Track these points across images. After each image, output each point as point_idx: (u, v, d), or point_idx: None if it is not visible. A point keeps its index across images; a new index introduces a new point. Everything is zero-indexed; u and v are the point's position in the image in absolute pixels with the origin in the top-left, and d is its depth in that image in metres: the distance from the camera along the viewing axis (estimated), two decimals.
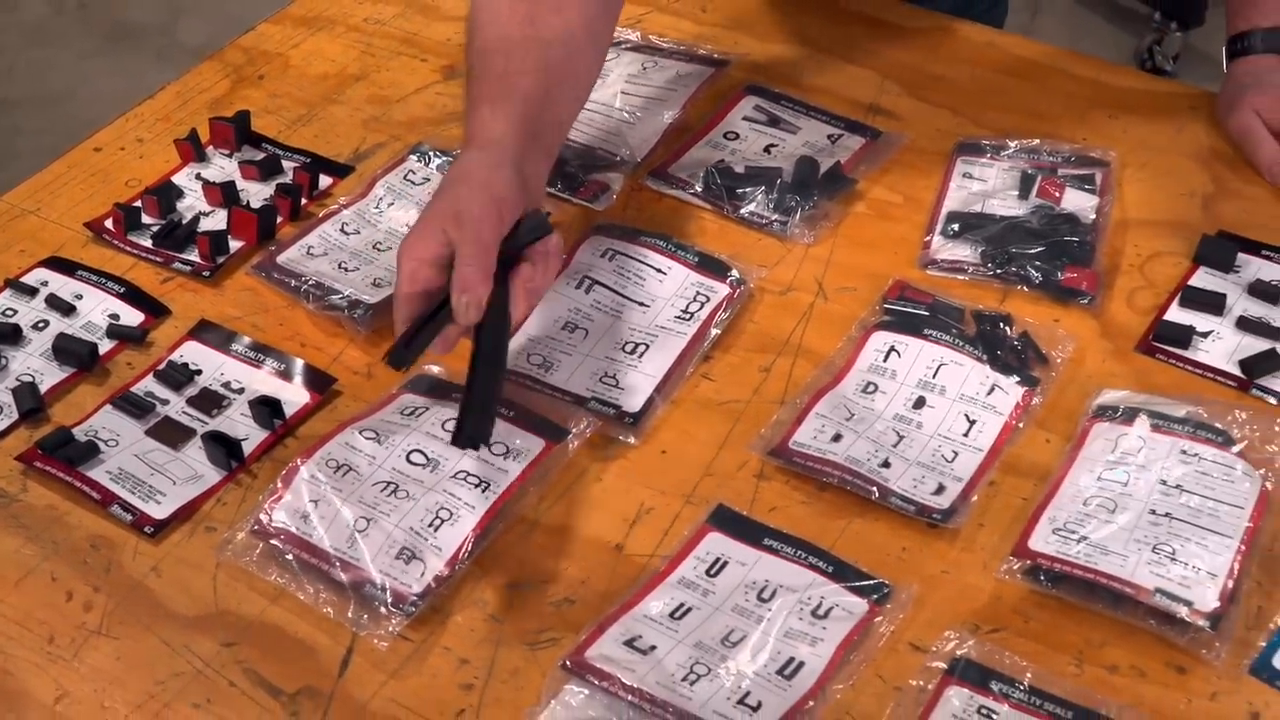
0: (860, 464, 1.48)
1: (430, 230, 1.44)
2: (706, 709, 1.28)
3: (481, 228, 1.43)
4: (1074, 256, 1.70)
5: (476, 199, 1.44)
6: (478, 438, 1.42)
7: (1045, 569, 1.38)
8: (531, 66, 1.55)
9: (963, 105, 1.95)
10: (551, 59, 1.57)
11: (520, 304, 1.45)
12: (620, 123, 1.85)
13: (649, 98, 1.90)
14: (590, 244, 1.70)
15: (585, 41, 1.62)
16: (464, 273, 1.41)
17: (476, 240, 1.42)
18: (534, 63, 1.56)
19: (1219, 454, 1.46)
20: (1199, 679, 1.35)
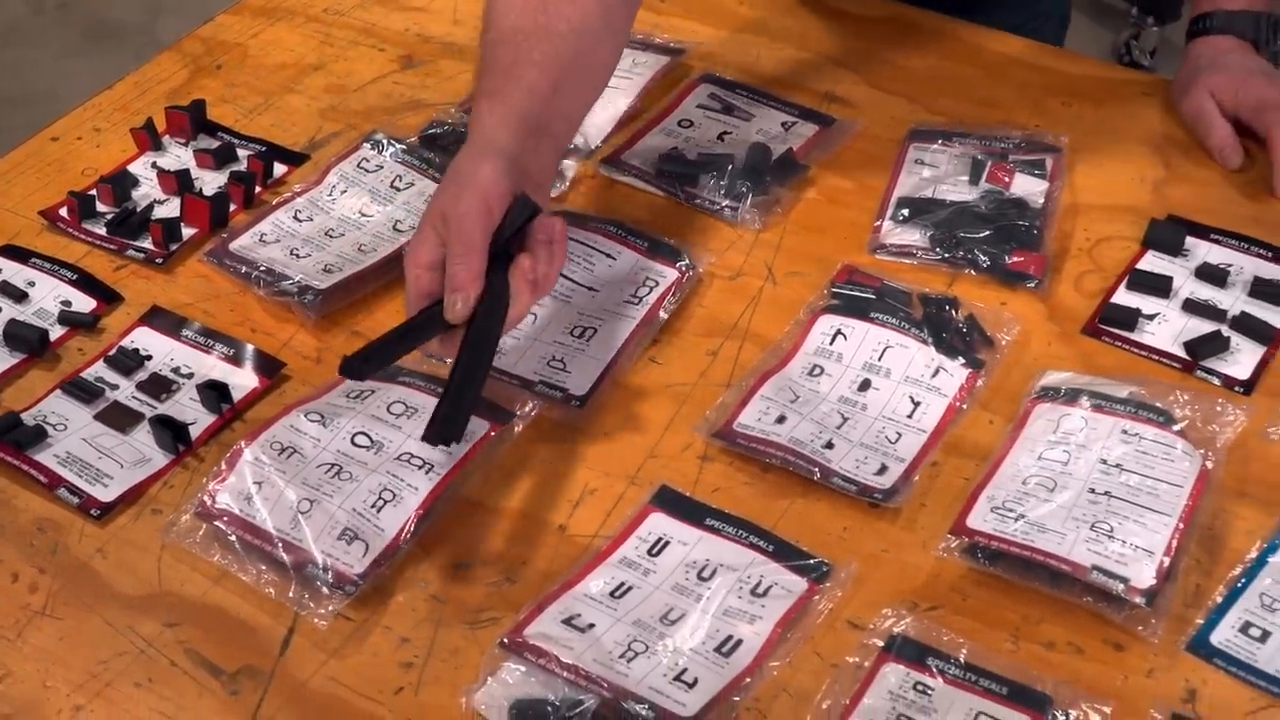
0: (803, 445, 1.49)
1: (425, 235, 1.44)
2: (642, 685, 1.29)
3: (466, 225, 1.43)
4: (1022, 241, 1.70)
5: (462, 197, 1.44)
6: (449, 437, 1.43)
7: (983, 547, 1.39)
8: (539, 59, 1.54)
9: (917, 93, 1.96)
10: (562, 50, 1.55)
11: (523, 296, 1.44)
12: None
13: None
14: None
15: (601, 31, 1.60)
16: (452, 270, 1.41)
17: (462, 239, 1.42)
18: (542, 55, 1.54)
19: (1160, 434, 1.47)
20: (1136, 656, 1.35)
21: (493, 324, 1.46)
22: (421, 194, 1.75)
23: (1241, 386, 1.58)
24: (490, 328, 1.46)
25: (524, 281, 1.44)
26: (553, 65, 1.57)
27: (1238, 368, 1.60)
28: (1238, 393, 1.58)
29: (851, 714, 1.29)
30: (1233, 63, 1.85)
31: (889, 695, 1.30)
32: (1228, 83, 1.84)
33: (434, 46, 2.04)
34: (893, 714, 1.29)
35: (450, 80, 1.97)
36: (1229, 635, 1.36)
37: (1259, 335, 1.63)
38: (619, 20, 1.65)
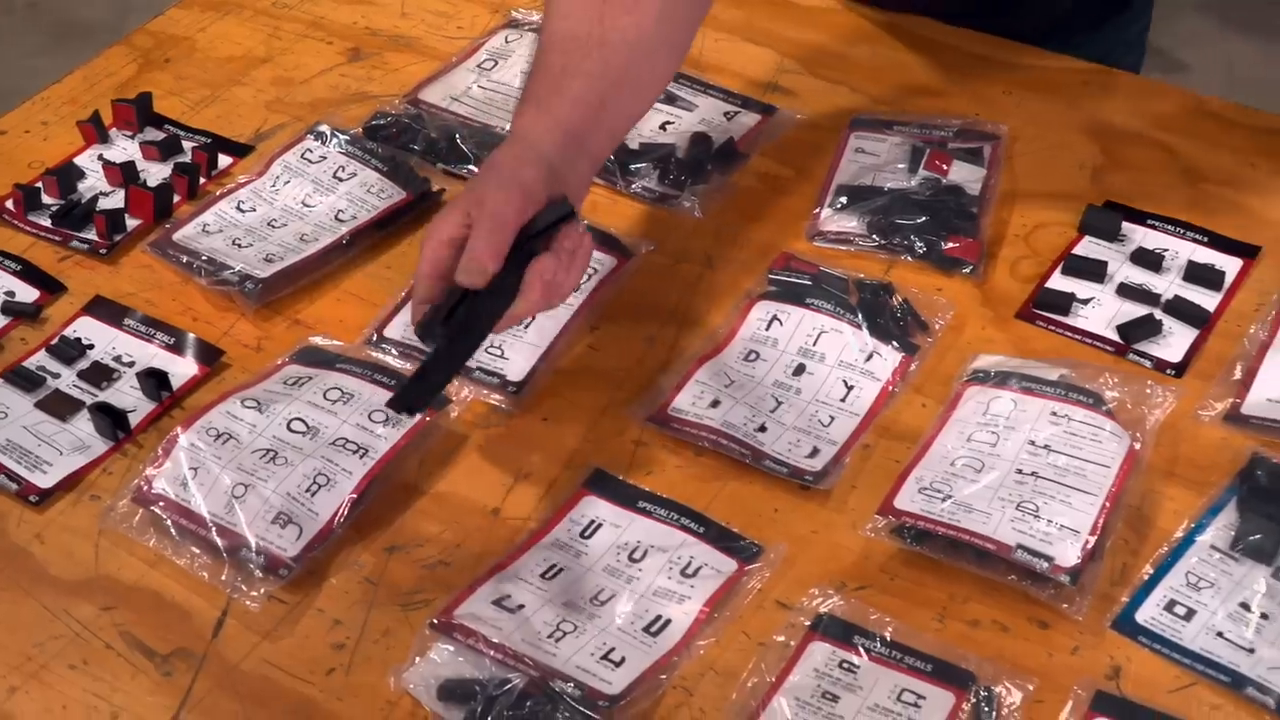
0: (736, 428, 1.50)
1: (453, 213, 1.42)
2: (570, 664, 1.30)
3: (500, 208, 1.41)
4: (958, 227, 1.72)
5: (501, 184, 1.43)
6: (412, 405, 1.44)
7: (910, 527, 1.40)
8: (589, 69, 1.52)
9: (860, 83, 1.98)
10: (613, 63, 1.53)
11: (534, 293, 1.41)
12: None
13: None
14: None
15: (656, 43, 1.57)
16: (474, 245, 1.39)
17: (493, 217, 1.40)
18: (592, 65, 1.52)
19: (1089, 415, 1.48)
20: (1061, 633, 1.36)
21: (492, 309, 1.44)
22: (364, 184, 1.76)
23: (1173, 369, 1.59)
24: (489, 312, 1.44)
25: (538, 279, 1.40)
26: (601, 78, 1.52)
27: (1170, 350, 1.62)
28: (1169, 375, 1.59)
29: (777, 691, 1.30)
30: None
31: (815, 673, 1.32)
32: None
33: (381, 39, 2.05)
34: (818, 691, 1.30)
35: (397, 73, 1.99)
36: (1154, 613, 1.37)
37: (1192, 319, 1.64)
38: (679, 35, 1.63)
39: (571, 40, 1.54)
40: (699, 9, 1.69)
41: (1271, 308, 1.65)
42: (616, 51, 1.57)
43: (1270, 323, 1.63)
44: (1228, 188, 1.82)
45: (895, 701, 1.30)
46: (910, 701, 1.30)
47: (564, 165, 1.51)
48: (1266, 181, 1.83)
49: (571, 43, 1.53)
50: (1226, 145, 1.89)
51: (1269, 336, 1.62)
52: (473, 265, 1.42)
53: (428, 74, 1.97)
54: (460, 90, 1.93)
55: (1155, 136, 1.91)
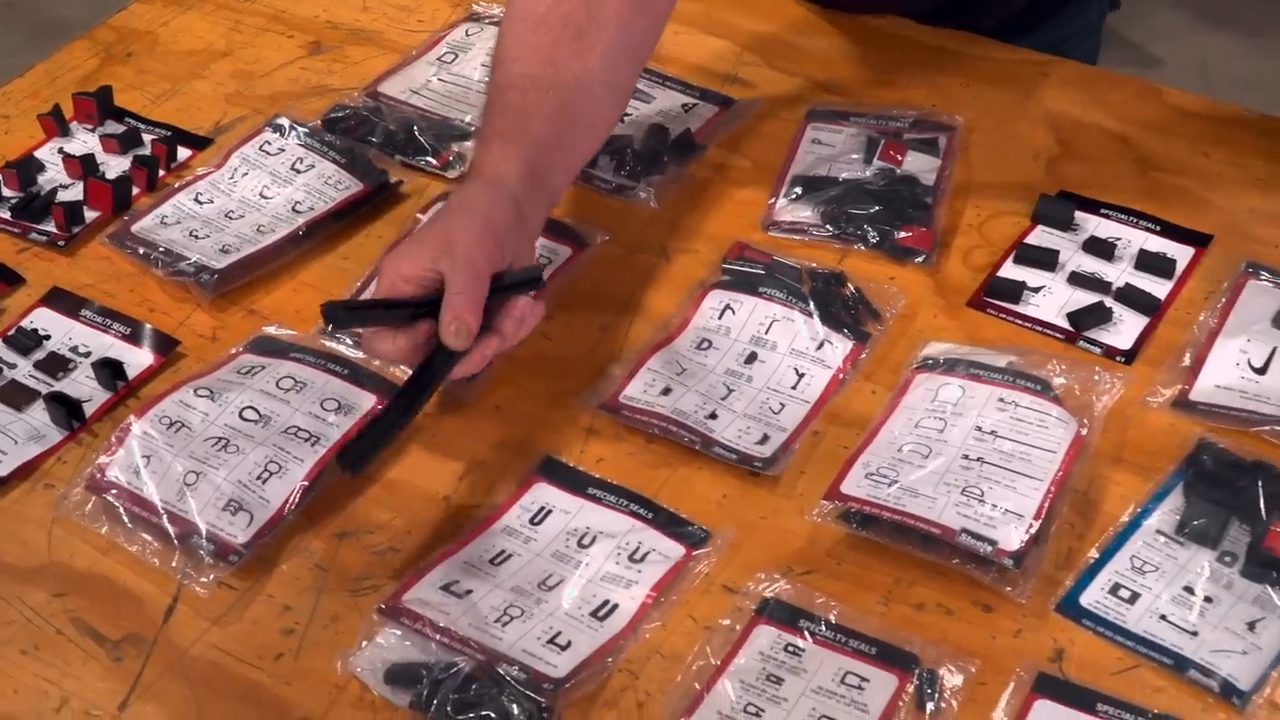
0: (686, 416, 1.52)
1: (419, 250, 1.44)
2: (515, 648, 1.32)
3: (476, 258, 1.42)
4: (912, 217, 1.74)
5: (474, 228, 1.44)
6: (355, 465, 1.42)
7: (856, 512, 1.41)
8: (546, 110, 1.55)
9: (818, 75, 1.99)
10: (567, 103, 1.56)
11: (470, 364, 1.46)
12: (480, 95, 1.88)
13: None
14: (436, 210, 1.73)
15: (602, 90, 1.61)
16: (455, 300, 1.40)
17: (470, 269, 1.42)
18: (548, 106, 1.55)
19: (1036, 401, 1.50)
20: (1005, 616, 1.38)
21: (442, 366, 1.47)
22: (321, 176, 1.77)
23: (1123, 356, 1.61)
24: (439, 369, 1.47)
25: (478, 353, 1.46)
26: (558, 118, 1.55)
27: (1120, 338, 1.63)
28: (1119, 362, 1.59)
29: (722, 674, 1.32)
30: None
31: (760, 656, 1.33)
32: None
33: (342, 33, 2.07)
34: (763, 674, 1.31)
35: (356, 66, 2.00)
36: (1098, 596, 1.39)
37: (1142, 306, 1.66)
38: (622, 78, 1.66)
39: (528, 79, 1.57)
40: (641, 56, 1.73)
41: (1222, 295, 1.66)
42: (570, 92, 1.60)
43: (1220, 310, 1.64)
44: (1181, 177, 1.84)
45: (839, 684, 1.31)
46: (854, 684, 1.31)
47: (528, 204, 1.54)
48: (1220, 170, 1.84)
49: (529, 81, 1.56)
50: (1181, 134, 1.90)
51: (1218, 324, 1.63)
52: (460, 326, 1.43)
53: (388, 67, 1.97)
54: (420, 83, 1.94)
55: (1110, 126, 1.92)
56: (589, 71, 1.57)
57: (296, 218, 1.73)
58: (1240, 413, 1.53)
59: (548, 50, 1.56)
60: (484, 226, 1.46)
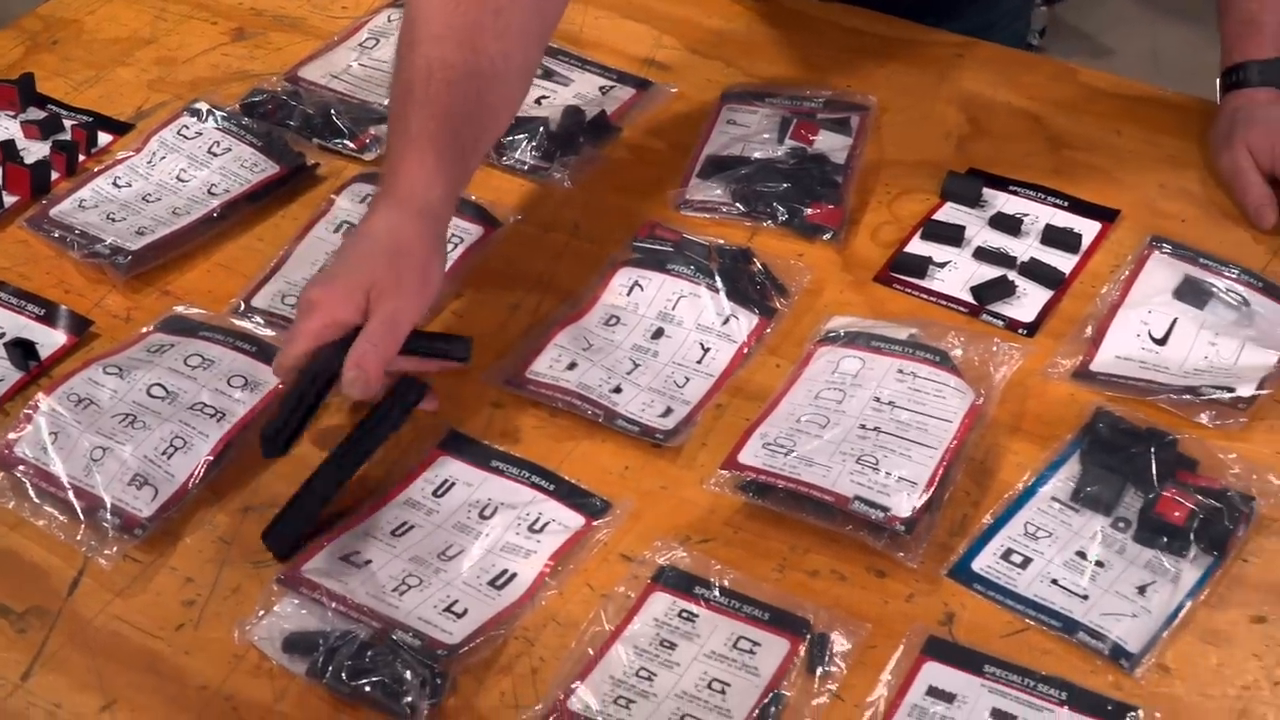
0: (591, 390, 1.54)
1: (352, 293, 1.44)
2: (411, 616, 1.34)
3: (401, 313, 1.43)
4: (821, 195, 1.76)
5: (411, 281, 1.45)
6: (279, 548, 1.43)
7: (752, 481, 1.43)
8: (470, 106, 1.51)
9: (736, 57, 2.01)
10: (486, 93, 1.54)
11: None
12: None
13: None
14: (350, 190, 1.76)
15: (517, 74, 1.60)
16: (363, 350, 1.41)
17: (391, 323, 1.43)
18: (473, 101, 1.52)
19: (934, 372, 1.52)
20: (897, 581, 1.40)
21: (371, 441, 1.47)
22: (237, 159, 1.80)
23: (1025, 329, 1.63)
24: (368, 444, 1.47)
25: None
26: (480, 113, 1.55)
27: (1023, 311, 1.66)
28: (1021, 334, 1.62)
29: (617, 639, 1.34)
30: (1271, 116, 1.78)
31: (654, 622, 1.35)
32: (1265, 139, 1.76)
33: (266, 19, 2.09)
34: (656, 639, 1.34)
35: (279, 51, 2.02)
36: (990, 562, 1.41)
37: (1046, 280, 1.68)
38: (534, 56, 1.66)
39: (449, 68, 1.52)
40: (548, 35, 1.70)
41: (1125, 268, 1.67)
42: (489, 80, 1.58)
43: (1123, 283, 1.67)
44: (1092, 154, 1.86)
45: (731, 649, 1.33)
46: (746, 648, 1.33)
47: (445, 216, 1.55)
48: (1131, 147, 1.87)
49: (450, 72, 1.52)
50: (1093, 113, 1.92)
51: (1120, 296, 1.65)
52: (359, 376, 1.43)
53: (310, 53, 1.99)
54: (340, 68, 1.96)
55: (1023, 106, 1.94)
56: (507, 55, 1.54)
57: (212, 200, 1.75)
58: (1139, 382, 1.56)
59: (467, 32, 1.52)
60: (419, 278, 1.47)
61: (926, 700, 1.30)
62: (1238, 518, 1.42)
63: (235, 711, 1.31)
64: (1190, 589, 1.40)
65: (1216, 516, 1.42)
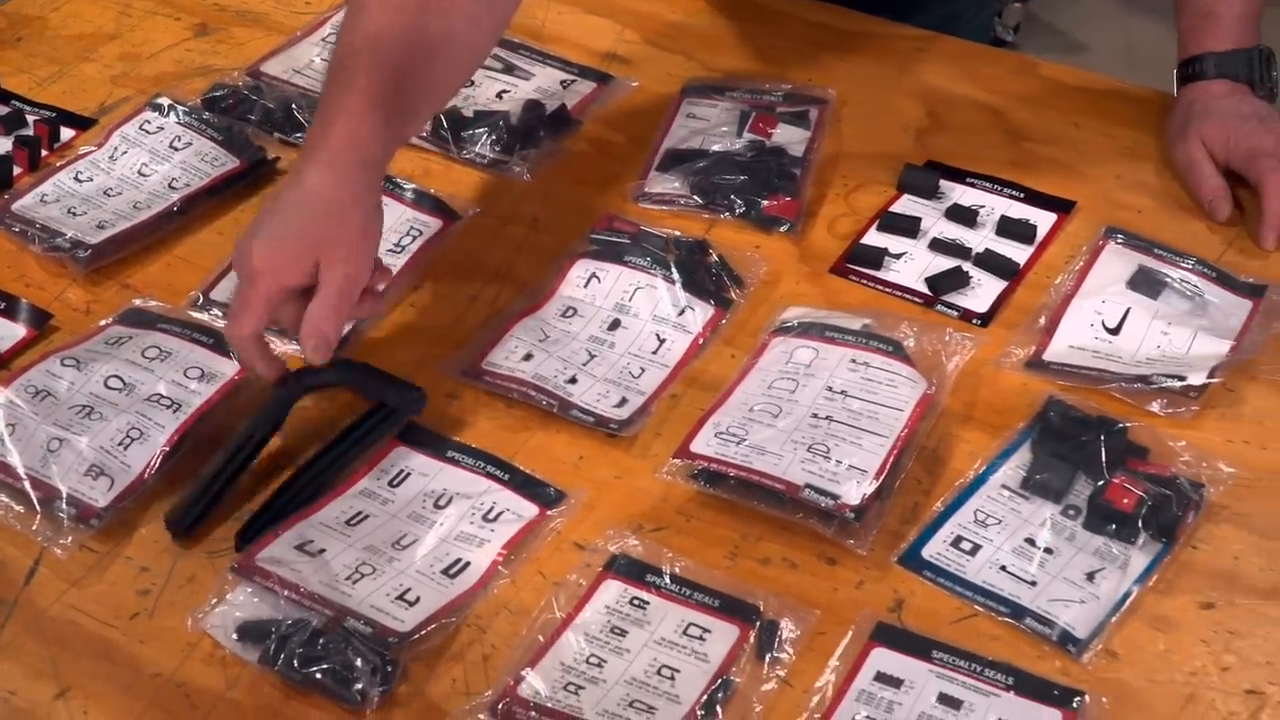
0: (546, 380, 1.55)
1: (300, 258, 1.43)
2: (364, 604, 1.35)
3: (354, 277, 1.44)
4: (778, 187, 1.77)
5: (358, 240, 1.46)
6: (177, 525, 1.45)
7: (704, 469, 1.44)
8: (416, 76, 1.51)
9: (697, 51, 2.02)
10: (430, 68, 1.53)
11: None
12: None
13: None
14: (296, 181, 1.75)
15: (460, 56, 1.59)
16: (319, 313, 1.42)
17: (346, 288, 1.44)
18: (419, 72, 1.51)
19: (887, 362, 1.53)
20: (848, 569, 1.42)
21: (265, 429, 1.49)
22: (199, 153, 1.81)
23: (979, 319, 1.64)
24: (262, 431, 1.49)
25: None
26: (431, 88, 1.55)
27: (977, 301, 1.67)
28: (975, 324, 1.63)
29: (568, 626, 1.35)
30: (1225, 109, 1.79)
31: (605, 609, 1.36)
32: (1219, 131, 1.78)
33: (229, 15, 2.10)
34: (607, 626, 1.35)
35: (241, 46, 2.03)
36: (940, 549, 1.42)
37: (1001, 270, 1.69)
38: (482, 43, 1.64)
39: (396, 38, 1.51)
40: (498, 25, 1.69)
41: (1080, 259, 1.68)
42: (432, 56, 1.57)
43: (1077, 273, 1.68)
44: (1050, 146, 1.88)
45: (681, 635, 1.34)
46: (696, 635, 1.34)
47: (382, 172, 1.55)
48: (1089, 140, 1.88)
49: (396, 40, 1.50)
50: (1052, 106, 1.94)
51: (1074, 286, 1.66)
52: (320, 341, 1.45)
53: (272, 48, 1.99)
54: (303, 63, 1.97)
55: (982, 99, 1.96)
56: (451, 35, 1.52)
57: (173, 194, 1.77)
58: (1091, 371, 1.57)
59: (414, 6, 1.51)
60: (364, 235, 1.46)
61: (874, 685, 1.31)
62: (1187, 505, 1.42)
63: (188, 699, 1.31)
64: (1139, 575, 1.40)
65: (1165, 504, 1.42)
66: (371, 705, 1.29)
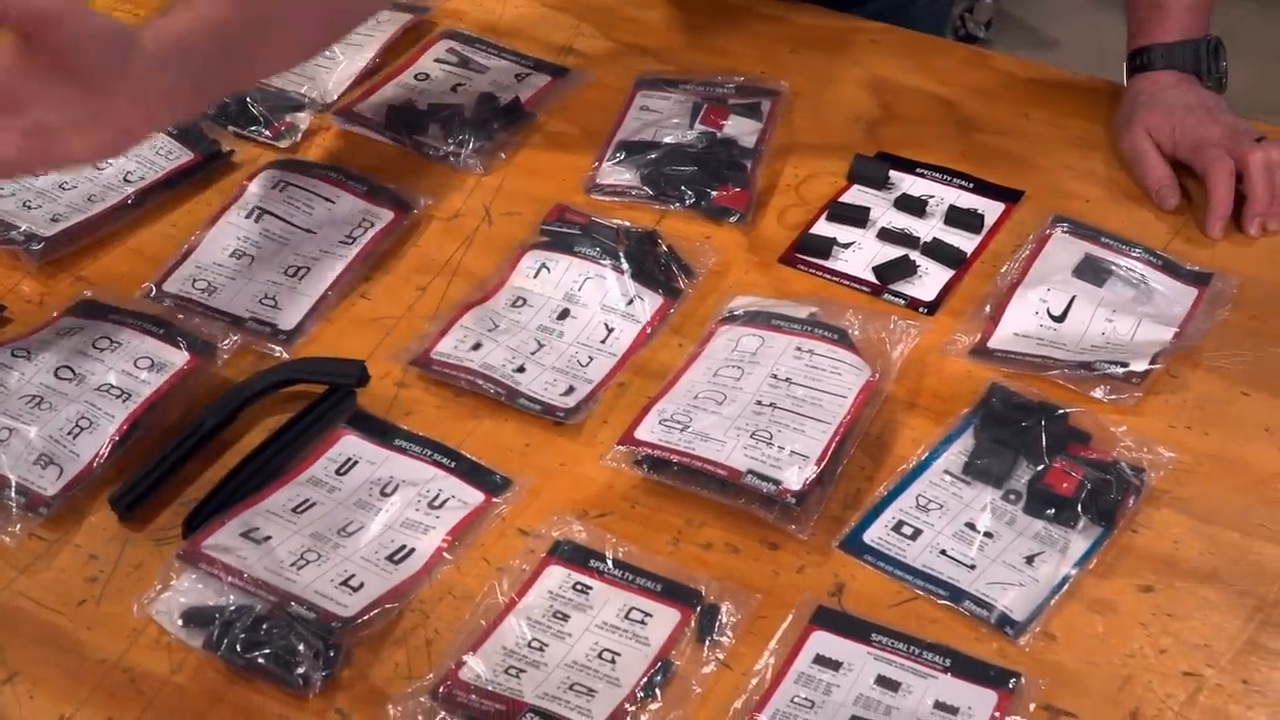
0: (494, 369, 1.56)
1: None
2: (308, 590, 1.36)
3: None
4: (728, 178, 1.78)
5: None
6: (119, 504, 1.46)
7: (647, 456, 1.46)
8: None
9: (652, 45, 2.04)
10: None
11: None
12: (316, 66, 1.93)
13: (346, 43, 1.97)
14: (263, 176, 1.78)
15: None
16: None
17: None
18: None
19: (831, 349, 1.55)
20: (789, 554, 1.43)
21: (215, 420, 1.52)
22: (153, 146, 1.83)
23: (926, 307, 1.66)
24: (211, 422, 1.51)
25: None
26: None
27: (924, 290, 1.69)
28: (921, 313, 1.64)
29: (511, 611, 1.37)
30: (1171, 100, 1.81)
31: (549, 594, 1.38)
32: (1165, 121, 1.80)
33: None
34: (550, 611, 1.36)
35: None
36: (882, 534, 1.44)
37: (948, 259, 1.71)
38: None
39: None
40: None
41: (1027, 248, 1.70)
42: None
43: (1023, 262, 1.69)
44: (1001, 137, 1.90)
45: (623, 619, 1.36)
46: (637, 619, 1.36)
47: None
48: (1038, 130, 1.90)
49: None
50: (1003, 97, 1.96)
51: (1020, 275, 1.68)
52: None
53: None
54: None
55: (934, 90, 1.97)
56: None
57: (127, 187, 1.78)
58: (1035, 358, 1.59)
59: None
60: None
61: (813, 668, 1.32)
62: (1127, 489, 1.44)
63: (133, 683, 1.32)
64: (1078, 559, 1.41)
65: (1105, 488, 1.43)
66: (314, 689, 1.30)
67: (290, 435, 1.48)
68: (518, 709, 1.27)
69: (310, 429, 1.50)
